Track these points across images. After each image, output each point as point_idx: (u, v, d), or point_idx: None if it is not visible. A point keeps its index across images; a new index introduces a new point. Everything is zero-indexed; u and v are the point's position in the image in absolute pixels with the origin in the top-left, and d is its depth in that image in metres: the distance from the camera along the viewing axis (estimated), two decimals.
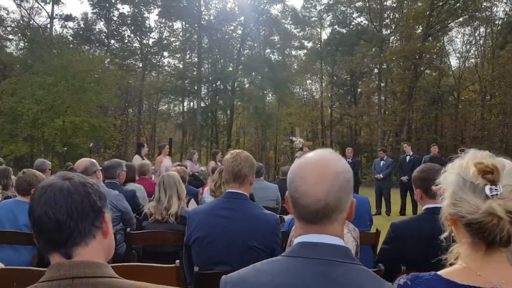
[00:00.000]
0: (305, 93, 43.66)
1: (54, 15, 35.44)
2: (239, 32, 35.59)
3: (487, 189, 1.30)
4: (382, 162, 12.55)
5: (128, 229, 4.05)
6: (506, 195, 1.29)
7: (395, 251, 2.95)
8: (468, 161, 1.37)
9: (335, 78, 38.57)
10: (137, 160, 10.20)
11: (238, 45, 34.33)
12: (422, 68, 30.98)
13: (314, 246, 1.31)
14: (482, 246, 1.33)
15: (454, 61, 39.46)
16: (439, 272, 1.37)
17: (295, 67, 41.96)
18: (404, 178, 12.22)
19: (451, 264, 1.40)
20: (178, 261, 2.62)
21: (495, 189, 1.29)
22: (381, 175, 12.38)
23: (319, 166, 1.33)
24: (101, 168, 4.36)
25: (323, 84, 40.21)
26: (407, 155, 12.55)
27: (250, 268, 1.36)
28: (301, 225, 1.36)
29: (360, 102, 36.21)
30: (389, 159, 12.90)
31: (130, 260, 3.79)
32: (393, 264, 2.91)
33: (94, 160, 4.26)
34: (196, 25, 33.92)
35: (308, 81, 42.80)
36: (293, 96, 36.91)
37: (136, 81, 37.18)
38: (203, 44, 34.74)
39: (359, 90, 38.17)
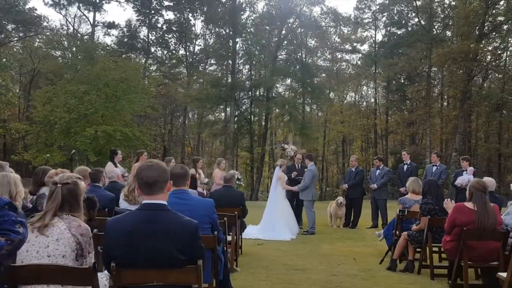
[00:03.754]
0: (357, 99, 42.83)
1: (97, 23, 37.40)
2: (276, 36, 35.56)
3: None
4: (378, 171, 12.13)
5: None
6: None
7: (106, 248, 3.04)
8: None
9: (393, 82, 37.50)
10: (109, 167, 10.58)
11: (274, 50, 34.36)
12: (476, 71, 29.28)
13: None
14: None
15: None
16: None
17: (350, 71, 41.35)
18: (402, 189, 11.73)
19: None
20: None
21: None
22: (375, 185, 12.01)
23: None
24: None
25: (378, 89, 39.23)
26: (404, 164, 12.05)
27: None
28: None
29: (415, 109, 34.90)
30: (385, 168, 12.46)
31: None
32: (109, 262, 3.00)
33: None
34: (229, 30, 34.44)
35: (364, 88, 42.06)
36: (332, 102, 36.24)
37: (184, 89, 37.95)
38: (240, 50, 35.20)
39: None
